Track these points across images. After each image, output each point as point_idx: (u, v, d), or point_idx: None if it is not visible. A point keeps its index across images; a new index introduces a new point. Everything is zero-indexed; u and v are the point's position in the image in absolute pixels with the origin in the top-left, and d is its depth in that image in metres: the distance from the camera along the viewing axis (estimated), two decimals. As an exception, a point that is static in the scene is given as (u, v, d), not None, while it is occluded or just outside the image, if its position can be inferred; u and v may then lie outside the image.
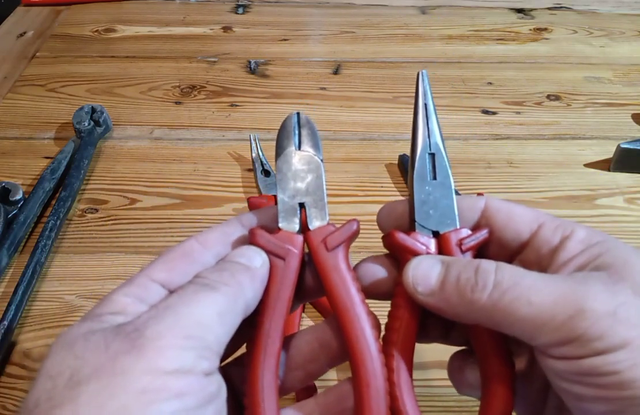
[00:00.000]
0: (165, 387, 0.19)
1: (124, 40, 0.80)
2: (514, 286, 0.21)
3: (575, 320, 0.20)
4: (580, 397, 0.21)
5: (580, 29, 0.84)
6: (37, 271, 0.46)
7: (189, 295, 0.22)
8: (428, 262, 0.24)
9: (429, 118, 0.29)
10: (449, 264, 0.24)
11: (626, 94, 0.70)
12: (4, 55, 0.77)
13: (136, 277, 0.24)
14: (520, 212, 0.25)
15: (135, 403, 0.18)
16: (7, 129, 0.64)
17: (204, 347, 0.20)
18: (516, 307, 0.21)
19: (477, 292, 0.22)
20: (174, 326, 0.20)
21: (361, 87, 0.71)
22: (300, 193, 0.27)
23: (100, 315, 0.21)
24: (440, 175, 0.27)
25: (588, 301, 0.20)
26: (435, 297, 0.23)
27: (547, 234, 0.24)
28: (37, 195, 0.53)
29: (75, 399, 0.18)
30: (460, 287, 0.22)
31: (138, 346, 0.19)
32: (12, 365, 0.41)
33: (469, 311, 0.22)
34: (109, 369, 0.19)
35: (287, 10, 0.89)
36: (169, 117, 0.66)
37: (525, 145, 0.62)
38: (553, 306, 0.20)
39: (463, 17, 0.87)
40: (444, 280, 0.23)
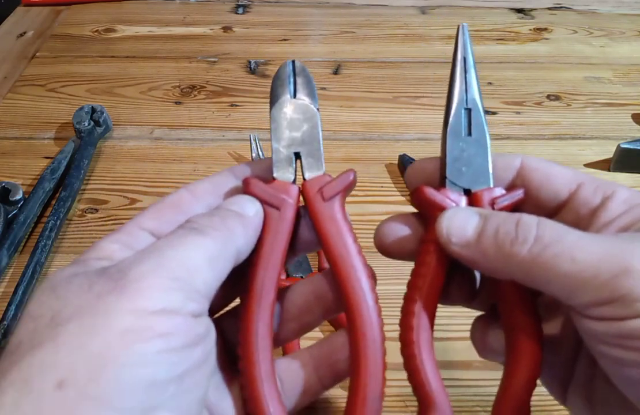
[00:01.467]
0: (149, 327, 0.18)
1: (124, 40, 0.80)
2: (557, 242, 0.20)
3: (620, 279, 0.19)
4: (620, 361, 0.20)
5: (580, 29, 0.84)
6: (37, 271, 0.46)
7: (176, 238, 0.21)
8: (465, 213, 0.23)
9: (467, 71, 0.27)
10: (487, 216, 0.23)
11: (626, 94, 0.70)
12: (4, 55, 0.77)
13: (125, 226, 0.23)
14: (559, 171, 0.24)
15: (117, 342, 0.18)
16: (7, 129, 0.64)
17: (191, 290, 0.20)
18: (558, 263, 0.20)
19: (517, 245, 0.21)
20: (160, 267, 0.20)
21: (361, 87, 0.71)
22: (296, 143, 0.26)
23: (86, 260, 0.21)
24: (475, 132, 0.26)
25: (634, 260, 0.19)
26: (471, 249, 0.22)
27: (586, 194, 0.23)
28: (37, 195, 0.53)
29: (56, 337, 0.18)
30: (499, 239, 0.21)
31: (121, 286, 0.19)
32: (12, 365, 0.41)
33: (506, 265, 0.21)
34: (90, 308, 0.18)
35: (287, 10, 0.89)
36: (169, 117, 0.66)
37: (525, 145, 0.62)
38: (597, 263, 0.19)
39: (463, 17, 0.87)
40: (481, 232, 0.22)
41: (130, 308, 0.18)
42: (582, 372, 0.24)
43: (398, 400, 0.39)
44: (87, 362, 0.17)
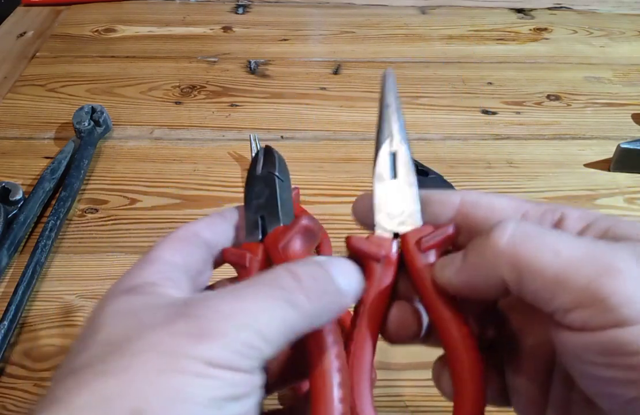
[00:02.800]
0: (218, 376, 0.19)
1: (124, 40, 0.80)
2: (540, 235, 0.19)
3: (604, 279, 0.18)
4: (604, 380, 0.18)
5: (580, 29, 0.84)
6: (37, 271, 0.46)
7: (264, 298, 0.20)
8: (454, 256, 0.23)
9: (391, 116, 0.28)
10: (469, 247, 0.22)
11: (626, 94, 0.70)
12: (4, 55, 0.77)
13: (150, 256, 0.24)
14: (501, 202, 0.23)
15: (190, 384, 0.18)
16: (7, 129, 0.64)
17: (258, 357, 0.20)
18: (541, 254, 0.19)
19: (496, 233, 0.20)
20: (238, 330, 0.19)
21: (361, 87, 0.71)
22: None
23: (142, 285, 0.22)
24: (401, 174, 0.27)
25: (618, 261, 0.18)
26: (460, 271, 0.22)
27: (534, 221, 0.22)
28: (37, 195, 0.53)
29: (130, 367, 0.18)
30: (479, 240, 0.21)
31: (199, 334, 0.19)
32: (12, 365, 0.41)
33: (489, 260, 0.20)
34: (165, 345, 0.19)
35: (287, 10, 0.89)
36: (169, 117, 0.66)
37: (525, 145, 0.62)
38: (581, 260, 0.18)
39: (463, 17, 0.87)
40: (465, 253, 0.22)
41: (202, 356, 0.19)
42: (557, 396, 0.23)
43: (398, 400, 0.39)
44: (161, 397, 0.18)
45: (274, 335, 0.20)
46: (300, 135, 0.63)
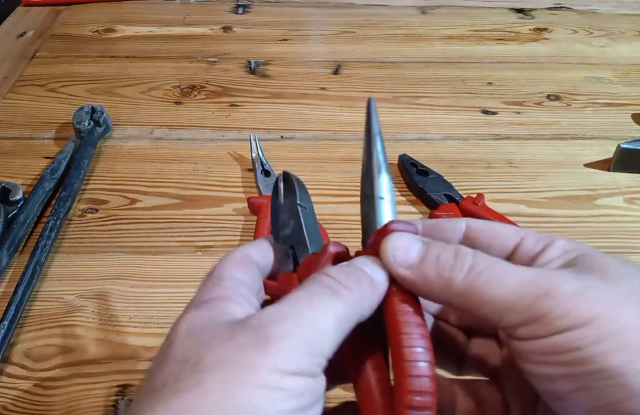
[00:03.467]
0: (285, 386, 0.19)
1: (124, 40, 0.80)
2: (489, 269, 0.22)
3: (542, 299, 0.21)
4: (547, 377, 0.21)
5: (580, 29, 0.84)
6: (37, 271, 0.46)
7: (313, 297, 0.22)
8: (409, 238, 0.25)
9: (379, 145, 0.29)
10: (429, 243, 0.24)
11: (626, 94, 0.70)
12: (4, 55, 0.77)
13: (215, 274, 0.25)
14: (501, 229, 0.26)
15: (259, 398, 0.19)
16: (7, 129, 0.64)
17: (320, 354, 0.21)
18: (489, 287, 0.22)
19: (455, 271, 0.23)
20: (297, 328, 0.20)
21: (361, 87, 0.71)
22: None
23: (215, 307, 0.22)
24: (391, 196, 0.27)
25: (555, 283, 0.21)
26: (413, 272, 0.24)
27: (529, 245, 0.25)
28: (37, 195, 0.53)
29: (202, 383, 0.19)
30: (440, 265, 0.23)
31: (262, 342, 0.20)
32: (12, 365, 0.41)
33: (444, 289, 0.23)
34: (234, 360, 0.19)
35: (287, 10, 0.89)
36: (169, 117, 0.66)
37: (525, 145, 0.62)
38: (522, 287, 0.21)
39: (463, 17, 0.87)
40: (423, 257, 0.24)
41: (269, 366, 0.19)
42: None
43: (398, 400, 0.39)
44: (233, 411, 0.18)
45: (330, 329, 0.21)
46: (300, 135, 0.63)
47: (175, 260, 0.49)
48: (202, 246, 0.50)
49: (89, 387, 0.40)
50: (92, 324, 0.44)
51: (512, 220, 0.51)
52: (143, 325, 0.44)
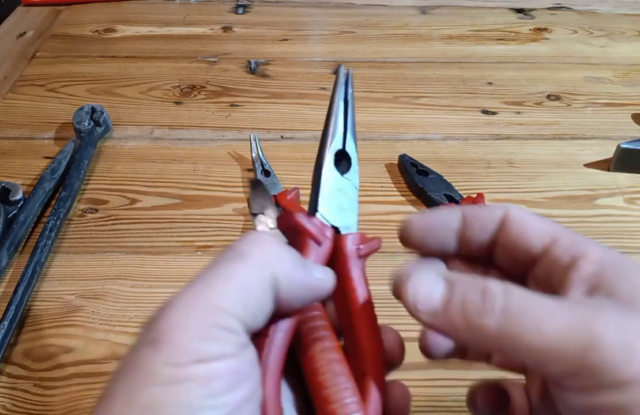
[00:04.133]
0: (188, 377, 0.19)
1: (124, 40, 0.80)
2: (523, 312, 0.20)
3: (588, 351, 0.19)
4: None
5: (580, 29, 0.84)
6: (37, 271, 0.46)
7: (211, 270, 0.21)
8: (429, 277, 0.22)
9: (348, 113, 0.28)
10: (453, 282, 0.22)
11: (626, 94, 0.70)
12: (4, 55, 0.77)
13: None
14: (535, 224, 0.24)
15: (162, 395, 0.18)
16: (7, 129, 0.64)
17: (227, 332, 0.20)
18: (525, 335, 0.20)
19: (485, 317, 0.20)
20: (191, 315, 0.19)
21: (361, 87, 0.71)
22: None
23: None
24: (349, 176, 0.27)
25: (600, 332, 0.19)
26: (439, 319, 0.22)
27: (559, 251, 0.23)
28: (37, 195, 0.53)
29: (111, 392, 0.19)
30: (467, 310, 0.21)
31: (154, 341, 0.19)
32: (12, 365, 0.41)
33: (475, 337, 0.21)
34: (134, 363, 0.19)
35: (287, 10, 0.89)
36: (169, 117, 0.66)
37: (525, 145, 0.62)
38: (565, 336, 0.19)
39: (463, 17, 0.87)
40: (448, 301, 0.22)
41: (167, 361, 0.19)
42: None
43: (398, 400, 0.39)
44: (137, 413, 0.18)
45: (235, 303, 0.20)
46: (300, 135, 0.63)
47: (175, 260, 0.49)
48: (202, 246, 0.50)
49: (89, 387, 0.40)
50: (92, 324, 0.44)
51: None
52: (143, 325, 0.44)
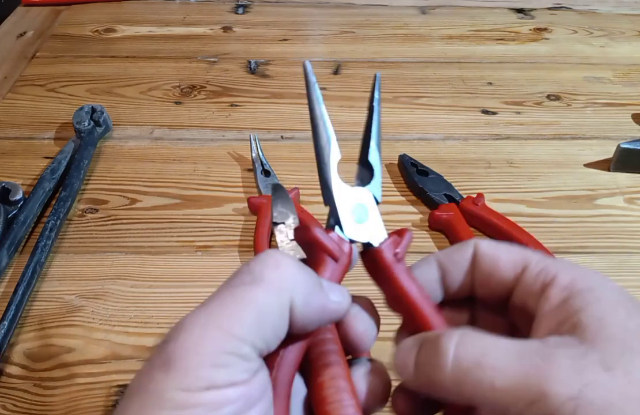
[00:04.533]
0: (199, 402, 0.18)
1: (124, 40, 0.80)
2: (476, 367, 0.20)
3: (538, 405, 0.19)
4: None
5: (580, 29, 0.84)
6: (37, 271, 0.46)
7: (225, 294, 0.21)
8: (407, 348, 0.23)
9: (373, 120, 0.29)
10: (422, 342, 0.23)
11: (626, 94, 0.70)
12: (4, 55, 0.77)
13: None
14: (505, 255, 0.24)
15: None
16: (7, 129, 0.64)
17: (239, 358, 0.19)
18: (480, 389, 0.20)
19: (439, 374, 0.21)
20: (203, 341, 0.19)
21: (361, 87, 0.71)
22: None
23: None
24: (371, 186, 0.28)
25: (550, 384, 0.19)
26: (415, 382, 0.22)
27: (529, 279, 0.23)
28: (37, 195, 0.53)
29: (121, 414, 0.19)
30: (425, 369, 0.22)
31: (166, 364, 0.19)
32: (12, 365, 0.41)
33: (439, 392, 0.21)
34: (145, 387, 0.19)
35: (287, 10, 0.89)
36: (169, 117, 0.66)
37: (525, 145, 0.62)
38: (515, 390, 0.19)
39: (463, 17, 0.87)
40: (416, 363, 0.22)
41: (178, 386, 0.19)
42: None
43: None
44: None
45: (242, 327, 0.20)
46: (300, 135, 0.63)
47: (175, 260, 0.49)
48: (202, 246, 0.50)
49: (89, 387, 0.40)
50: (92, 324, 0.44)
51: (512, 220, 0.51)
52: (143, 325, 0.44)
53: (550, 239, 0.50)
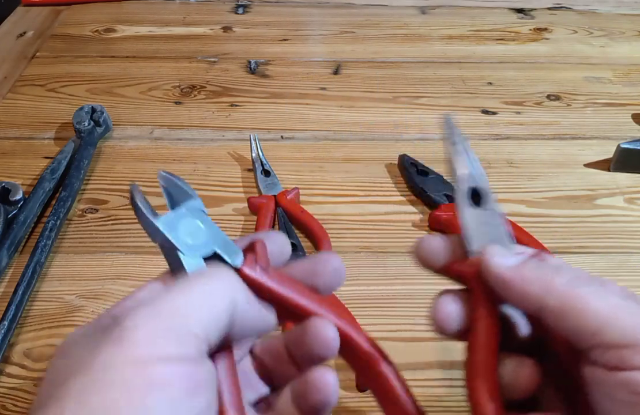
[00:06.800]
0: (147, 378, 0.18)
1: (124, 40, 0.80)
2: (590, 282, 0.23)
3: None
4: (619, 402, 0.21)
5: (580, 29, 0.84)
6: (37, 271, 0.46)
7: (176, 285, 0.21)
8: (505, 249, 0.26)
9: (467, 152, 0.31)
10: (524, 253, 0.25)
11: (626, 94, 0.70)
12: (4, 55, 0.77)
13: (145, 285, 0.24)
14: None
15: (118, 396, 0.18)
16: (7, 129, 0.64)
17: (186, 333, 0.20)
18: (592, 298, 0.22)
19: (558, 276, 0.23)
20: (154, 314, 0.20)
21: (361, 87, 0.71)
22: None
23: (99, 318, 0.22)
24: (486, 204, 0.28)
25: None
26: (512, 271, 0.24)
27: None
28: (37, 195, 0.53)
29: (60, 396, 0.18)
30: (542, 267, 0.24)
31: (116, 337, 0.19)
32: (12, 365, 0.41)
33: (543, 291, 0.23)
34: (91, 363, 0.18)
35: (287, 10, 0.89)
36: (169, 117, 0.66)
37: (525, 145, 0.62)
38: (625, 309, 0.21)
39: (463, 17, 0.87)
40: (525, 261, 0.24)
41: (127, 359, 0.18)
42: None
43: (398, 400, 0.39)
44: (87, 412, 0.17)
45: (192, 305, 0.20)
46: (300, 135, 0.63)
47: (175, 260, 0.49)
48: (202, 246, 0.50)
49: (89, 387, 0.40)
50: (92, 324, 0.44)
51: (512, 220, 0.51)
52: (143, 325, 0.44)
53: (550, 239, 0.50)
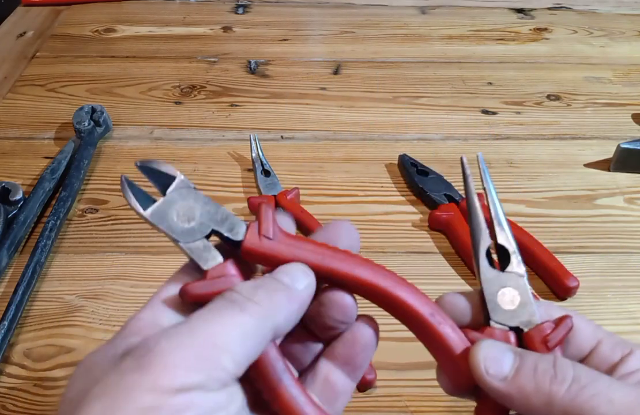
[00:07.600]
0: (166, 405, 0.18)
1: (124, 40, 0.80)
2: (593, 382, 0.21)
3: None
4: None
5: (580, 29, 0.84)
6: (37, 271, 0.46)
7: (212, 312, 0.21)
8: (500, 346, 0.23)
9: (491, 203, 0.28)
10: (522, 353, 0.23)
11: (626, 94, 0.70)
12: (4, 55, 0.77)
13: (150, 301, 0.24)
14: (579, 327, 0.25)
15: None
16: (7, 129, 0.64)
17: (217, 368, 0.20)
18: (596, 403, 0.21)
19: (556, 384, 0.22)
20: (186, 345, 0.20)
21: (361, 87, 0.71)
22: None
23: (115, 339, 0.22)
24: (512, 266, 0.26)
25: None
26: (508, 384, 0.22)
27: (606, 351, 0.24)
28: (37, 195, 0.53)
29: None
30: (538, 376, 0.22)
31: (144, 363, 0.19)
32: (12, 365, 0.41)
33: (544, 404, 0.22)
34: (114, 386, 0.19)
35: (287, 10, 0.89)
36: (169, 117, 0.66)
37: (525, 145, 0.62)
38: (633, 407, 0.21)
39: (463, 17, 0.87)
40: (519, 367, 0.23)
41: (150, 386, 0.19)
42: None
43: (397, 400, 0.39)
44: None
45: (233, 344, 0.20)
46: (300, 135, 0.63)
47: (175, 260, 0.49)
48: (202, 246, 0.50)
49: (89, 387, 0.40)
50: (92, 324, 0.44)
51: (512, 220, 0.51)
52: (143, 325, 0.44)
53: (550, 239, 0.50)
